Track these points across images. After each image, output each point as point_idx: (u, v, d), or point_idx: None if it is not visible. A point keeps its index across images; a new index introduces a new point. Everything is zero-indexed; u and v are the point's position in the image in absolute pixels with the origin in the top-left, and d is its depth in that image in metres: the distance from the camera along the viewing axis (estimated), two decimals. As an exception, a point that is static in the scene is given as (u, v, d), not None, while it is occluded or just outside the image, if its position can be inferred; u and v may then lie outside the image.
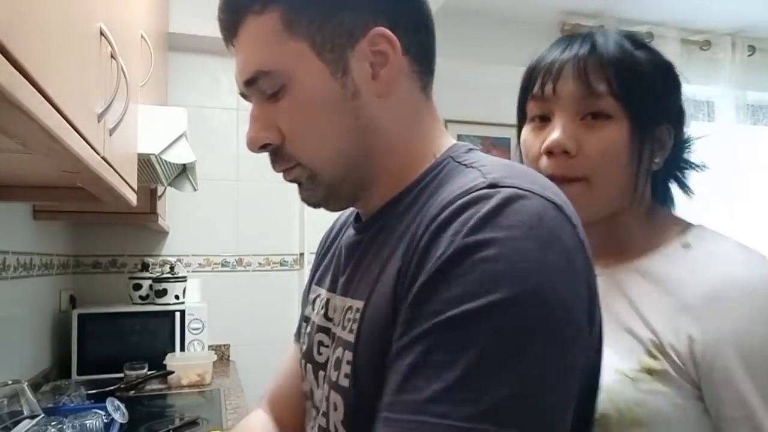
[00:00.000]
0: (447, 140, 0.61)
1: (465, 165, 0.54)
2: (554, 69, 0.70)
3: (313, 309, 0.68)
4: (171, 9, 2.31)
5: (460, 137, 2.89)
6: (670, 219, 0.75)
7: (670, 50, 2.82)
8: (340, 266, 0.63)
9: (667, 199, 0.77)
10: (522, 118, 0.77)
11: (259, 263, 2.52)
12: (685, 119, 0.75)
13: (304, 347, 0.66)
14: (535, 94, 0.73)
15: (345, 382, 0.53)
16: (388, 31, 0.54)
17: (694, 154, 0.76)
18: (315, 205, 0.60)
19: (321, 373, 0.60)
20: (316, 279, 0.72)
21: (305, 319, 0.70)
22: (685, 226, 0.72)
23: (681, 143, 0.75)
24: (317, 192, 0.58)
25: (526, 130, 0.75)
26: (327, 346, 0.60)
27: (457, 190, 0.48)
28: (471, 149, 0.59)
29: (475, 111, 2.88)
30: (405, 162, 0.58)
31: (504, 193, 0.45)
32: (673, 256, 0.68)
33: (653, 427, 0.63)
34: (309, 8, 0.54)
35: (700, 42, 2.93)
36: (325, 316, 0.62)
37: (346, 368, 0.53)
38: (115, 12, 0.94)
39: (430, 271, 0.45)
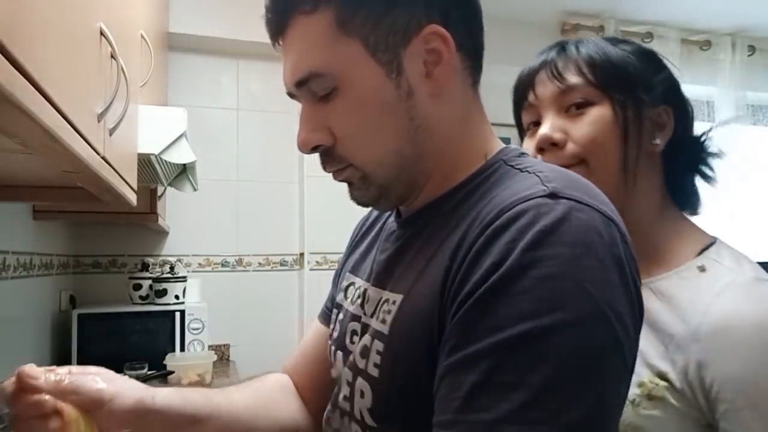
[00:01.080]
0: (497, 142, 0.61)
1: (519, 169, 0.53)
2: (531, 77, 0.75)
3: (345, 297, 0.68)
4: (171, 9, 2.31)
5: (460, 137, 2.89)
6: (689, 230, 0.74)
7: (670, 50, 2.82)
8: (376, 257, 0.64)
9: (691, 195, 0.77)
10: (522, 132, 0.80)
11: (259, 263, 2.52)
12: (687, 105, 0.75)
13: (335, 334, 0.66)
14: (524, 105, 0.77)
15: (374, 371, 0.53)
16: (442, 29, 0.53)
17: (711, 142, 0.76)
18: (365, 204, 0.60)
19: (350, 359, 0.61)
20: (350, 267, 0.72)
21: (337, 306, 0.70)
22: (705, 244, 0.71)
23: (689, 135, 0.74)
24: (369, 192, 0.58)
25: (525, 139, 0.78)
26: (358, 335, 0.60)
27: (515, 194, 0.47)
28: (522, 153, 0.59)
29: (475, 111, 2.87)
30: (455, 161, 0.58)
31: (564, 205, 0.45)
32: (688, 279, 0.68)
33: None
34: (362, 7, 0.53)
35: (700, 42, 2.93)
36: (361, 305, 0.62)
37: (375, 357, 0.53)
38: (115, 12, 0.94)
39: (491, 281, 0.43)
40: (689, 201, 0.77)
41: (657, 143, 0.72)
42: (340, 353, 0.64)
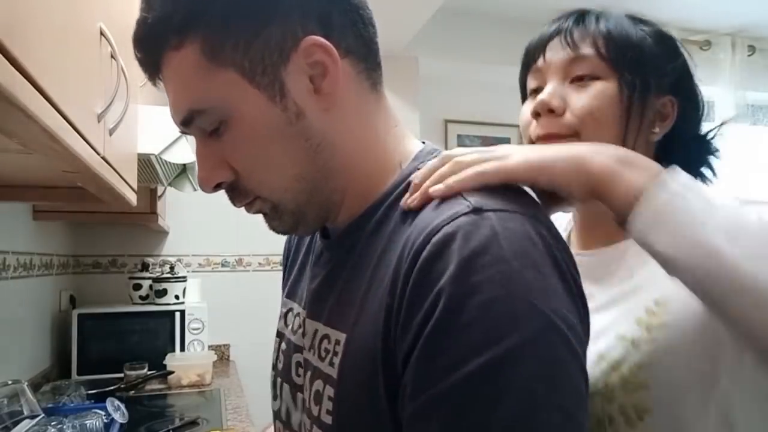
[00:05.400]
0: (410, 144, 0.58)
1: None
2: (544, 41, 0.72)
3: (286, 324, 0.65)
4: (171, 9, 2.31)
5: (460, 137, 2.89)
6: None
7: (670, 50, 2.81)
8: (307, 284, 0.61)
9: None
10: (525, 97, 0.77)
11: (259, 263, 2.52)
12: (696, 99, 0.73)
13: (280, 365, 0.64)
14: (531, 69, 0.74)
15: (327, 419, 0.50)
16: (320, 39, 0.49)
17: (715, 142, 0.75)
18: (285, 233, 0.58)
19: (299, 395, 0.58)
20: (287, 291, 0.69)
21: (279, 334, 0.67)
22: None
23: (692, 133, 0.73)
24: (284, 221, 0.55)
25: (525, 103, 0.75)
26: (303, 368, 0.58)
27: (439, 216, 0.45)
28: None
29: (475, 111, 2.87)
30: (369, 174, 0.55)
31: (491, 219, 0.43)
32: None
33: (659, 389, 0.60)
34: (230, 32, 0.48)
35: (700, 42, 2.93)
36: (302, 335, 0.59)
37: (328, 404, 0.50)
38: (115, 12, 0.94)
39: (434, 317, 0.41)
40: None
41: (656, 132, 0.71)
42: (287, 386, 0.61)
